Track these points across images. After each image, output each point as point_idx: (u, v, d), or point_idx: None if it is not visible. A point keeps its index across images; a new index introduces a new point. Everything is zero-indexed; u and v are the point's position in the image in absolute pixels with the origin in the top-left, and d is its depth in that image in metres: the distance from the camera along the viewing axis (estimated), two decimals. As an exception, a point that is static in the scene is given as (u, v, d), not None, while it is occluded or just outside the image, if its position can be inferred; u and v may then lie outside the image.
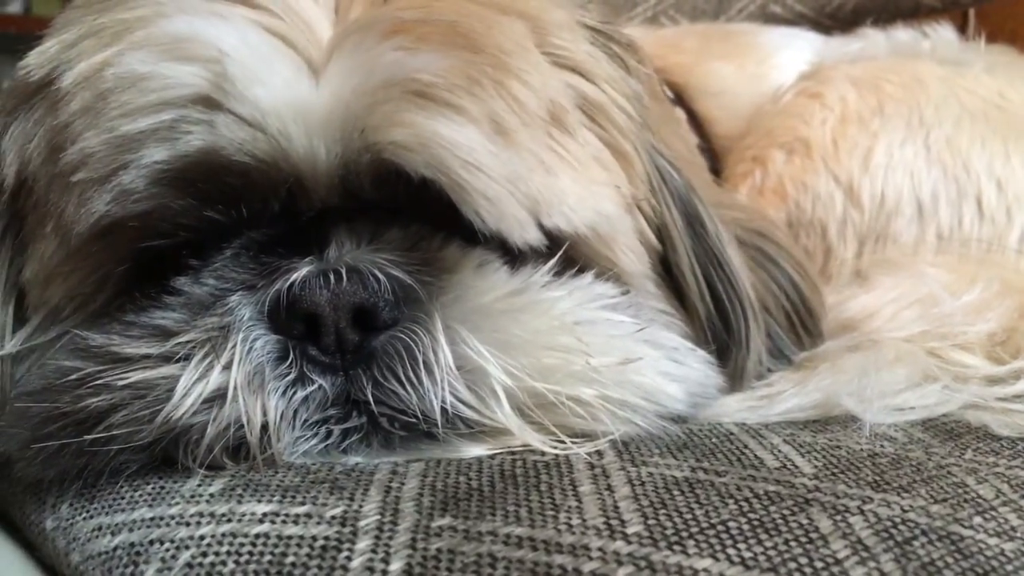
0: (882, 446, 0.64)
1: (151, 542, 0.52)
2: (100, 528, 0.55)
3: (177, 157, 0.56)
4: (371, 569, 0.46)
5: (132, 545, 0.52)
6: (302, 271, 0.58)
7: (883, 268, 0.90)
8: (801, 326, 0.77)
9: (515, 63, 0.60)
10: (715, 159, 1.14)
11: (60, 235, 0.62)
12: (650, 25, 1.49)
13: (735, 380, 0.71)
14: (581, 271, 0.65)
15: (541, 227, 0.61)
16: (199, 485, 0.56)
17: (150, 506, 0.55)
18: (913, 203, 0.97)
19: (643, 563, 0.46)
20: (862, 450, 0.62)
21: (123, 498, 0.57)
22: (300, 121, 0.57)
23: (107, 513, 0.56)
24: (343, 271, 0.58)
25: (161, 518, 0.54)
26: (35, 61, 0.63)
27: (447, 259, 0.61)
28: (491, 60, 0.59)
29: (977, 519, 0.52)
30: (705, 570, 0.45)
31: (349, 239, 0.61)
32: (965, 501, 0.54)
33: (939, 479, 0.57)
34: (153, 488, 0.57)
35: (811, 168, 1.00)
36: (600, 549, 0.47)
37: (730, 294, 0.70)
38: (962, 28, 1.20)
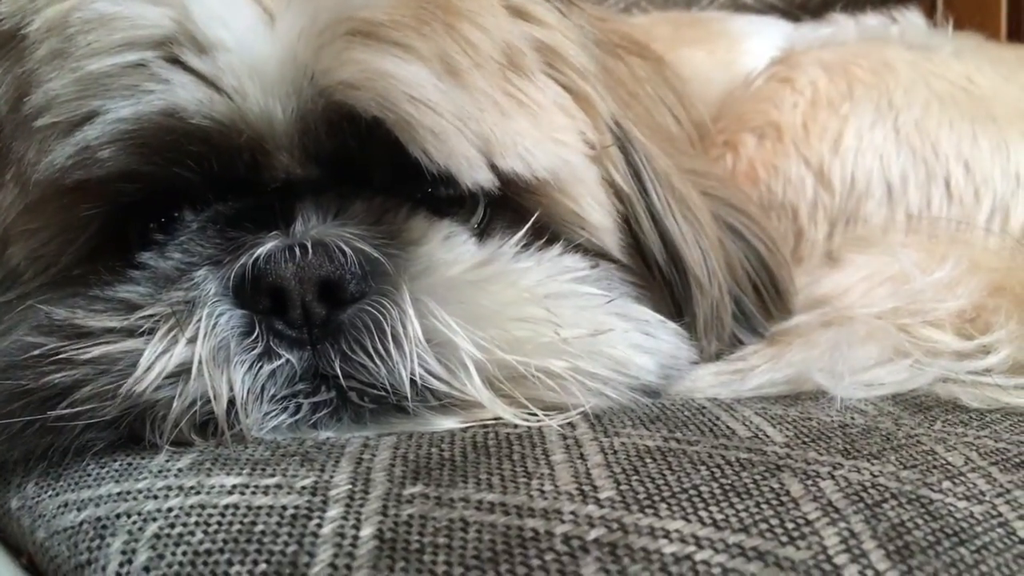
0: (853, 418, 0.64)
1: (118, 515, 0.51)
2: (66, 504, 0.55)
3: (139, 116, 0.56)
4: (342, 535, 0.45)
5: (98, 519, 0.52)
6: (267, 245, 0.57)
7: (855, 246, 0.90)
8: (770, 300, 0.77)
9: (466, 5, 0.60)
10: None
11: (20, 184, 0.61)
12: (622, 15, 1.49)
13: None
14: (550, 243, 0.65)
15: (495, 169, 0.60)
16: (167, 461, 0.56)
17: (117, 482, 0.55)
18: (883, 185, 0.97)
19: (615, 525, 0.45)
20: (833, 421, 0.62)
21: (90, 475, 0.56)
22: (256, 77, 0.57)
23: (73, 490, 0.56)
24: (308, 245, 0.57)
25: (128, 492, 0.53)
26: (6, 10, 0.62)
27: (414, 231, 0.61)
28: (441, 2, 0.59)
29: (946, 484, 0.52)
30: (677, 531, 0.45)
31: (316, 214, 0.60)
32: (934, 467, 0.55)
33: (909, 447, 0.58)
34: (120, 464, 0.56)
35: (782, 152, 1.00)
36: (572, 513, 0.46)
37: (672, 260, 0.70)
38: (930, 15, 1.21)
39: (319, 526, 0.46)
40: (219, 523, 0.48)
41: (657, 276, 0.71)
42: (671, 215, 0.69)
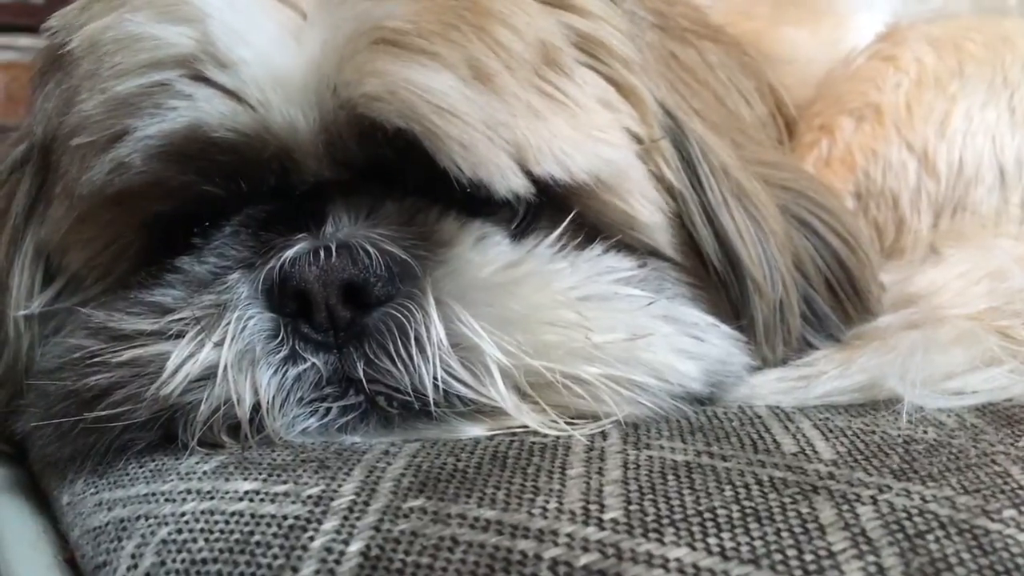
0: (925, 432, 0.58)
1: (137, 518, 0.52)
2: (100, 504, 0.56)
3: (166, 134, 0.56)
4: (329, 550, 0.44)
5: (121, 521, 0.53)
6: (294, 248, 0.57)
7: (953, 241, 0.83)
8: (848, 300, 0.71)
9: (496, 6, 0.58)
10: (787, 131, 1.07)
11: (68, 198, 0.63)
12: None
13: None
14: (589, 240, 0.62)
15: (530, 175, 0.58)
16: (197, 463, 0.56)
17: (147, 483, 0.56)
18: (994, 169, 0.88)
19: (611, 550, 0.42)
20: (898, 435, 0.57)
21: (128, 474, 0.57)
22: (279, 88, 0.56)
23: (110, 489, 0.57)
24: (333, 247, 0.56)
25: (153, 494, 0.54)
26: (57, 23, 0.64)
27: (444, 232, 0.59)
28: (469, 4, 0.57)
29: (1010, 512, 0.47)
30: (677, 559, 0.42)
31: (347, 214, 0.59)
32: (1001, 492, 0.49)
33: (978, 468, 0.52)
34: (156, 465, 0.57)
35: (882, 135, 0.93)
36: (568, 535, 0.44)
37: (728, 258, 0.65)
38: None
39: (311, 539, 0.45)
40: (222, 531, 0.48)
41: (713, 276, 0.66)
42: (726, 211, 0.65)
